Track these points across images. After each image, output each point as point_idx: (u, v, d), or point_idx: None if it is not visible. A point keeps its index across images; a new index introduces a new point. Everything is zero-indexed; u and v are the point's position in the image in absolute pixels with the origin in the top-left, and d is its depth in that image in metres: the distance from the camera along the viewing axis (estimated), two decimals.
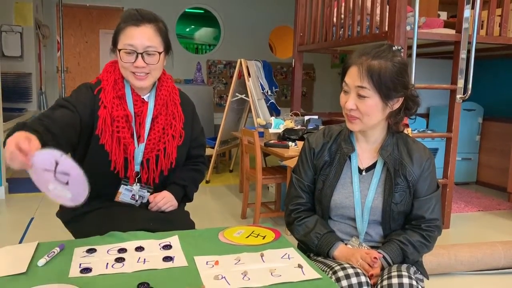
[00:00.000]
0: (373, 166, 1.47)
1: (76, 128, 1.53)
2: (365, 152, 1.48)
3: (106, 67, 1.67)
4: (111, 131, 1.58)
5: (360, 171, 1.47)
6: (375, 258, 1.35)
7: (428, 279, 1.49)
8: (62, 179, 1.31)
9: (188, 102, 1.81)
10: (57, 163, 1.30)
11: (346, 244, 1.46)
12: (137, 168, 1.65)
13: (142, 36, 1.54)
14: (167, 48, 1.64)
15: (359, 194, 1.44)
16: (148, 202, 1.70)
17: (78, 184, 1.33)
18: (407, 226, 1.46)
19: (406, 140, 1.48)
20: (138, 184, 1.67)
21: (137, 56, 1.55)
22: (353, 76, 1.35)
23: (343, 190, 1.46)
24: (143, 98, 1.66)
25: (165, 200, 1.69)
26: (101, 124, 1.57)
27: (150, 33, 1.56)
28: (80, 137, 1.57)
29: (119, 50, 1.56)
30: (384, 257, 1.38)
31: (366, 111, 1.36)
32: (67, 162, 1.30)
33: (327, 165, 1.49)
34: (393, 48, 1.37)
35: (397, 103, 1.39)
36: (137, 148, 1.62)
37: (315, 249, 1.46)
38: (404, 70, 1.37)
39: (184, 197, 1.80)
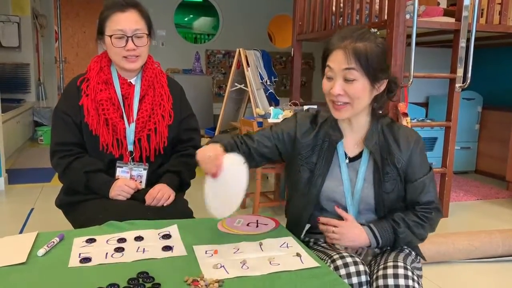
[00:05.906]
0: (359, 156, 1.43)
1: (79, 131, 1.69)
2: (350, 141, 1.44)
3: (94, 58, 1.76)
4: (97, 115, 1.66)
5: (348, 159, 1.43)
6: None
7: (425, 260, 1.47)
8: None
9: (175, 85, 1.87)
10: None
11: None
12: (130, 147, 1.72)
13: (129, 20, 1.64)
14: (150, 31, 1.72)
15: (348, 183, 1.40)
16: (145, 191, 1.71)
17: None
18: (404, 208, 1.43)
19: (392, 125, 1.43)
20: (132, 162, 1.72)
21: (127, 40, 1.64)
22: (338, 60, 1.31)
23: (332, 179, 1.42)
24: (130, 82, 1.73)
25: (161, 193, 1.67)
26: (85, 112, 1.67)
27: (136, 17, 1.66)
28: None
29: (110, 36, 1.63)
30: (372, 230, 1.36)
31: (355, 95, 1.31)
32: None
33: (310, 153, 1.44)
34: (370, 30, 1.35)
35: (382, 85, 1.37)
36: (128, 128, 1.70)
37: None
38: (386, 52, 1.36)
39: (181, 184, 1.79)
